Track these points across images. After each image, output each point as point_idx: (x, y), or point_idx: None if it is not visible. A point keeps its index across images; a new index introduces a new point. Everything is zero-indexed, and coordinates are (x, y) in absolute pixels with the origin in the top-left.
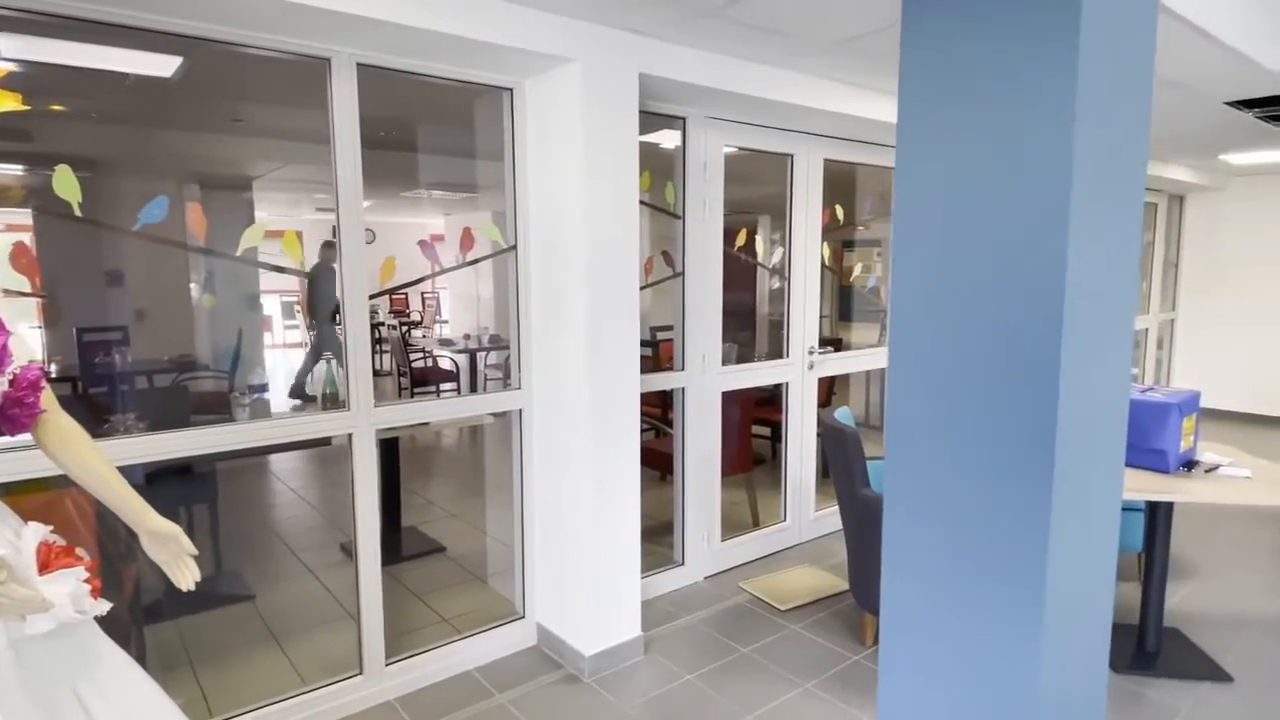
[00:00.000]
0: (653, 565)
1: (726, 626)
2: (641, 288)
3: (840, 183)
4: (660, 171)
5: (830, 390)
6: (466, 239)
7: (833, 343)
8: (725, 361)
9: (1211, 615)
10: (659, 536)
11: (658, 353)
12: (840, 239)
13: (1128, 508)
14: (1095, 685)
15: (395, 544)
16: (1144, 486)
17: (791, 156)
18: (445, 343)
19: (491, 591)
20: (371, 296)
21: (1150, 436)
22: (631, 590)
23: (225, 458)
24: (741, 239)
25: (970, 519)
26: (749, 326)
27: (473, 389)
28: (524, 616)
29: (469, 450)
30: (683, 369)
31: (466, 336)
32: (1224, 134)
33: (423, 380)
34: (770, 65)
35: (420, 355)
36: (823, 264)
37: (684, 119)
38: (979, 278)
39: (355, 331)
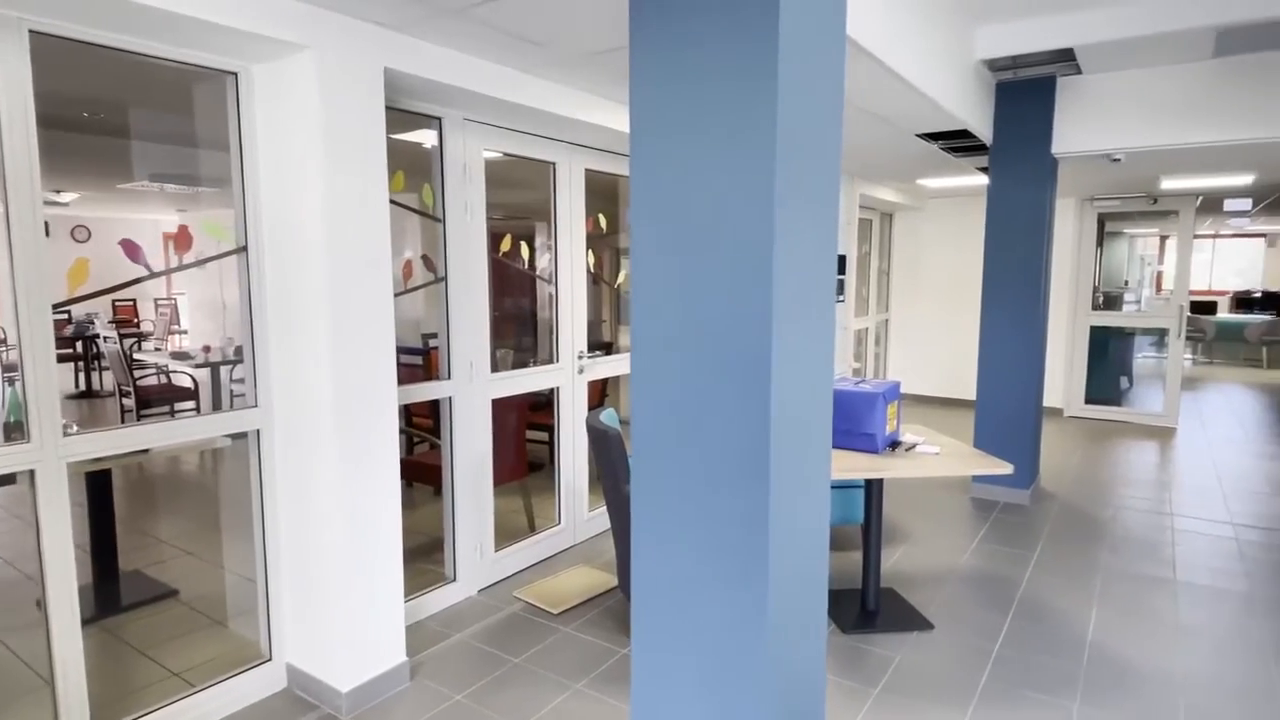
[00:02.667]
0: (422, 585)
1: (499, 638)
2: (398, 294)
3: (606, 191)
4: (420, 172)
5: (603, 392)
6: (183, 238)
7: (605, 346)
8: (500, 367)
9: (919, 573)
10: (431, 553)
11: (429, 361)
12: (613, 246)
13: (850, 485)
14: (815, 647)
15: (112, 593)
16: (858, 466)
17: (554, 165)
18: (181, 356)
19: (233, 635)
20: (59, 306)
21: (862, 422)
22: (394, 615)
23: None
24: (506, 244)
25: (701, 507)
26: (530, 331)
27: (216, 407)
28: (271, 658)
29: (212, 478)
30: (449, 377)
31: (206, 349)
32: (919, 161)
33: (152, 400)
34: (527, 73)
35: (153, 371)
36: (589, 271)
37: (440, 119)
38: (701, 286)
39: (34, 346)
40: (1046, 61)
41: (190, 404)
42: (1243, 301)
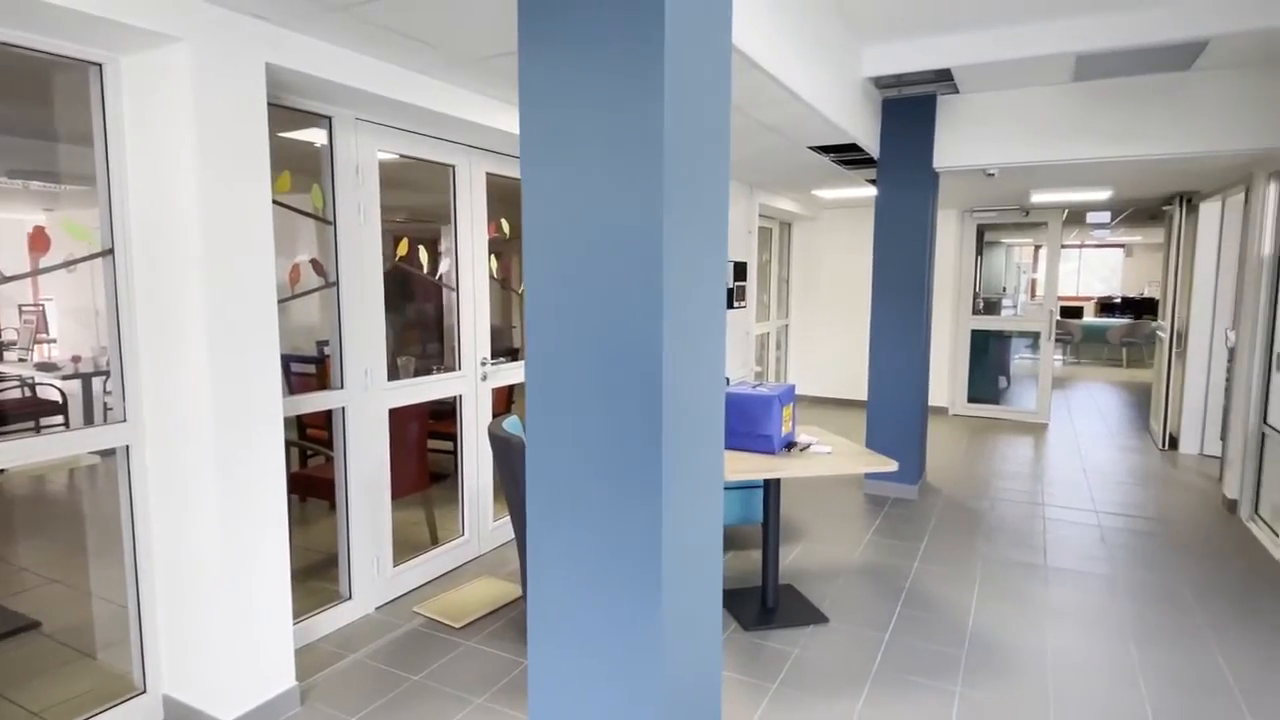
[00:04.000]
0: (315, 604)
1: (397, 656)
2: (284, 300)
3: (511, 196)
4: (309, 172)
5: (509, 399)
6: (39, 240)
7: (512, 353)
8: (402, 375)
9: (816, 568)
10: (326, 571)
11: (323, 370)
12: (519, 251)
13: (750, 485)
14: (711, 646)
15: None
16: (756, 467)
17: (453, 167)
18: (47, 367)
19: (103, 668)
20: None
21: (759, 424)
22: (282, 638)
23: None
24: (403, 248)
25: (595, 510)
26: (436, 338)
27: (89, 421)
28: (145, 690)
29: (81, 498)
30: (342, 386)
31: (76, 359)
32: (813, 172)
33: (11, 415)
34: (423, 74)
35: (14, 384)
36: (492, 276)
37: (330, 118)
38: (592, 290)
39: None
40: (927, 81)
41: (59, 419)
42: (1106, 306)
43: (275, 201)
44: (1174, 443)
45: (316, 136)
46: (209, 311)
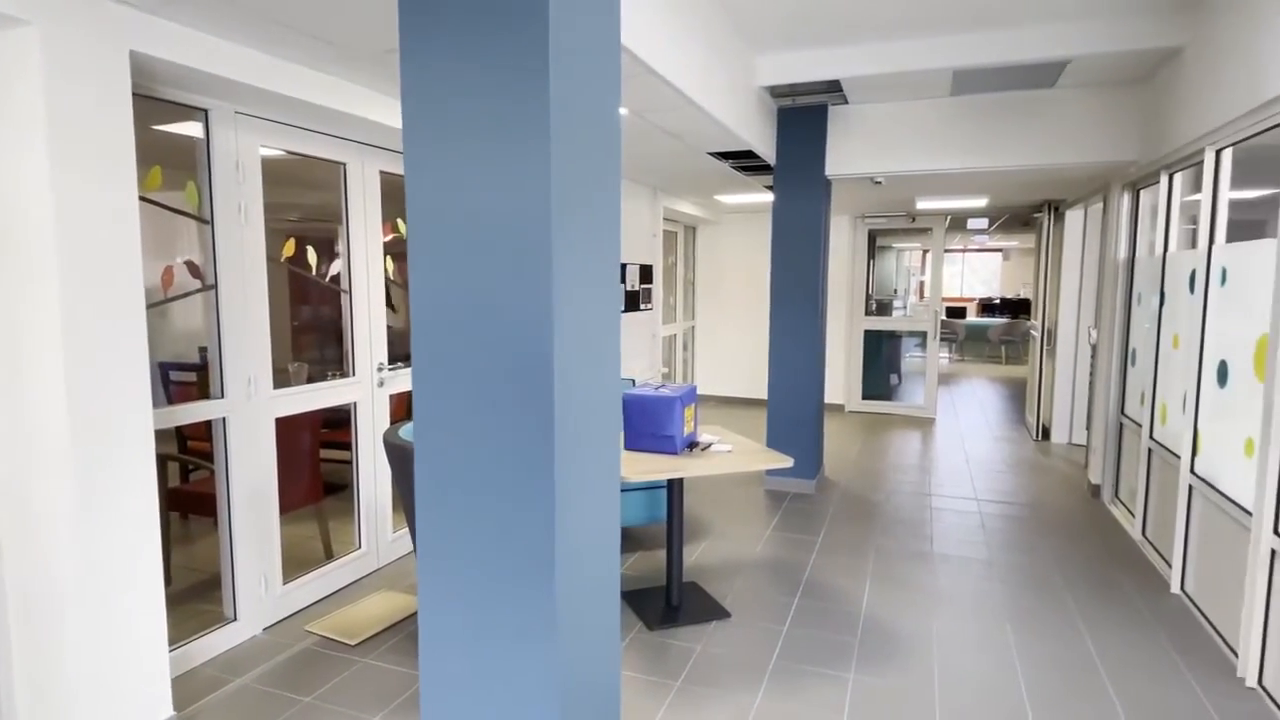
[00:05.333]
0: (197, 628)
1: (288, 678)
2: (155, 304)
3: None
4: (185, 168)
5: (409, 406)
6: None
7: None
8: (295, 381)
9: (719, 565)
10: (209, 591)
11: (205, 378)
12: None
13: (656, 486)
14: (609, 648)
15: None
16: (658, 467)
17: (344, 165)
18: None
19: None
20: None
21: (662, 425)
22: (156, 666)
23: None
24: (289, 249)
25: (487, 514)
26: (334, 343)
27: None
28: None
29: None
30: (222, 395)
31: None
32: (713, 177)
33: None
34: (309, 67)
35: None
36: (390, 278)
37: (206, 111)
38: (480, 291)
39: None
40: (819, 91)
41: None
42: (986, 307)
43: (144, 199)
44: (1046, 433)
45: (192, 130)
46: (65, 320)
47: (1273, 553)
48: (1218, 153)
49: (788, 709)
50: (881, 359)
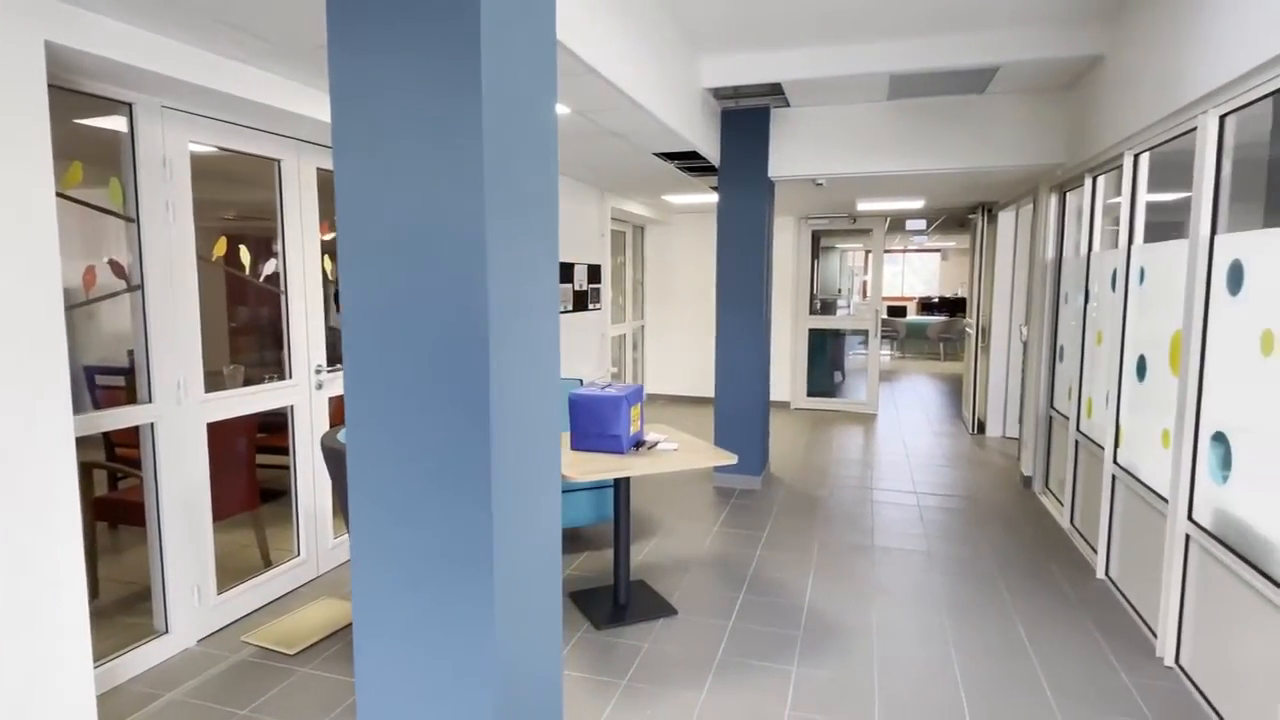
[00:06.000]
0: (124, 642)
1: (222, 691)
2: (75, 306)
3: None
4: (109, 164)
5: None
6: None
7: None
8: (229, 385)
9: (667, 562)
10: (139, 604)
11: (134, 382)
12: None
13: (603, 485)
14: (550, 649)
15: None
16: (605, 467)
17: (279, 162)
18: None
19: None
20: None
21: (608, 425)
22: (79, 684)
23: None
24: (221, 248)
25: (423, 517)
26: (273, 345)
27: None
28: None
29: None
30: (150, 400)
31: None
32: (660, 178)
33: None
34: (240, 61)
35: None
36: (328, 278)
37: (130, 105)
38: (414, 292)
39: None
40: (761, 94)
41: None
42: (926, 305)
43: (62, 195)
44: (981, 427)
45: (116, 124)
46: None
47: (1187, 537)
48: (1135, 157)
49: (732, 703)
50: (826, 357)
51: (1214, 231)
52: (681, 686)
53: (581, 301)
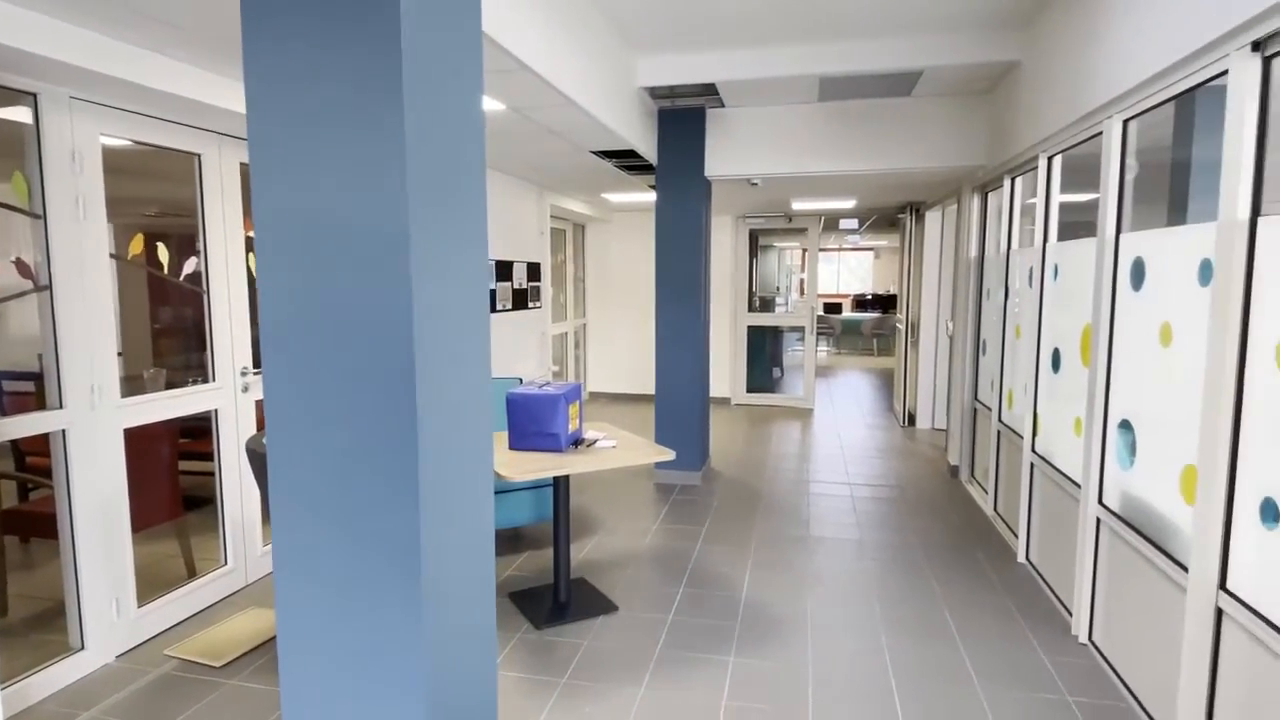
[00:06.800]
0: (36, 661)
1: (142, 708)
2: None
3: None
4: (11, 157)
5: None
6: None
7: None
8: (150, 388)
9: (608, 559)
10: (54, 620)
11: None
12: None
13: (543, 485)
14: (484, 652)
15: None
16: (543, 466)
17: (199, 156)
18: None
19: None
20: None
21: (546, 424)
22: None
23: None
24: (137, 246)
25: (348, 522)
26: (198, 347)
27: None
28: None
29: None
30: (60, 406)
31: None
32: (598, 176)
33: None
34: (154, 51)
35: None
36: (251, 276)
37: (35, 95)
38: (335, 291)
39: None
40: (696, 94)
41: None
42: (860, 302)
43: None
44: (912, 419)
45: (19, 115)
46: None
47: (1098, 521)
48: (1049, 159)
49: (671, 696)
50: (765, 353)
51: (1119, 230)
52: (621, 682)
53: (521, 300)
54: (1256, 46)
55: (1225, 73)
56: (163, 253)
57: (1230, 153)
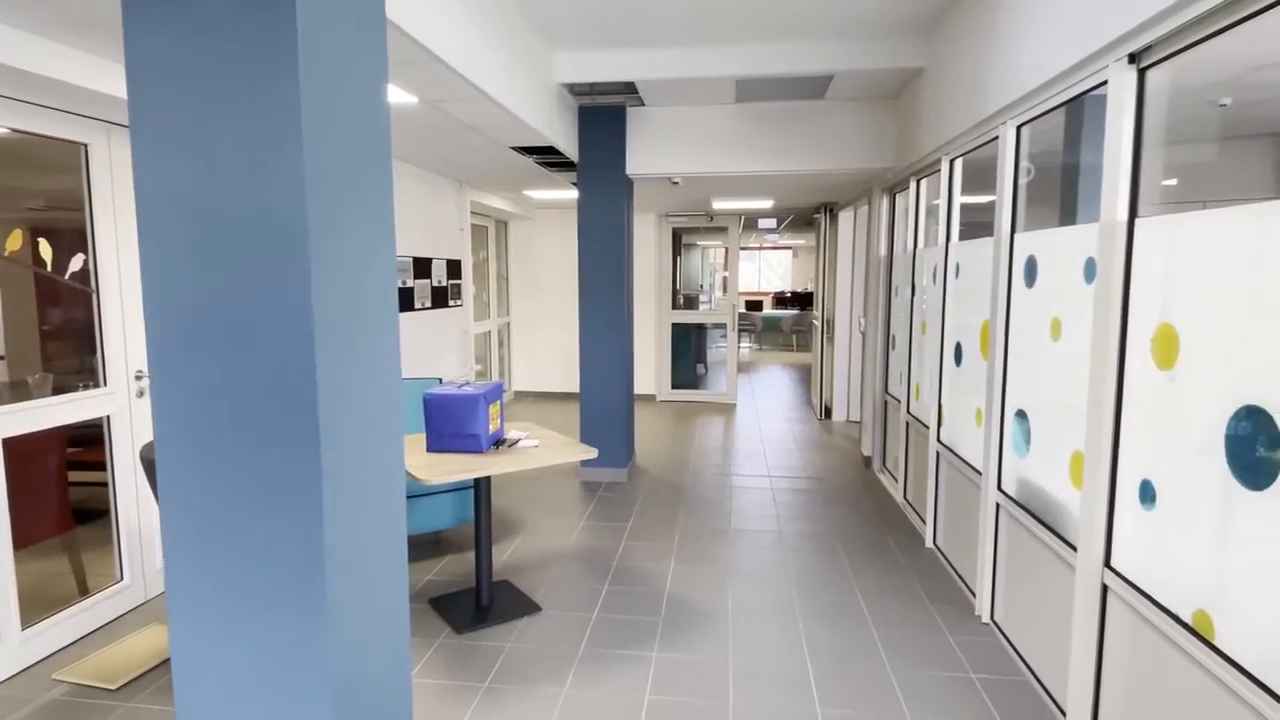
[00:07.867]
0: None
1: None
2: None
3: None
4: None
5: None
6: None
7: None
8: (35, 394)
9: (532, 560)
10: None
11: None
12: None
13: (465, 487)
14: (396, 660)
15: None
16: (462, 467)
17: (86, 147)
18: None
19: None
20: None
21: (465, 424)
22: None
23: None
24: (15, 242)
25: (246, 531)
26: (90, 350)
27: None
28: None
29: None
30: None
31: None
32: (520, 172)
33: None
34: (24, 30)
35: None
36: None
37: None
38: (229, 292)
39: None
40: (616, 92)
41: None
42: (780, 300)
43: None
44: (829, 413)
45: None
46: None
47: (997, 506)
48: (950, 162)
49: (594, 694)
50: (689, 350)
51: (1014, 230)
52: (544, 683)
53: (441, 298)
54: (1133, 59)
55: (1105, 83)
56: (45, 249)
57: (1110, 158)
